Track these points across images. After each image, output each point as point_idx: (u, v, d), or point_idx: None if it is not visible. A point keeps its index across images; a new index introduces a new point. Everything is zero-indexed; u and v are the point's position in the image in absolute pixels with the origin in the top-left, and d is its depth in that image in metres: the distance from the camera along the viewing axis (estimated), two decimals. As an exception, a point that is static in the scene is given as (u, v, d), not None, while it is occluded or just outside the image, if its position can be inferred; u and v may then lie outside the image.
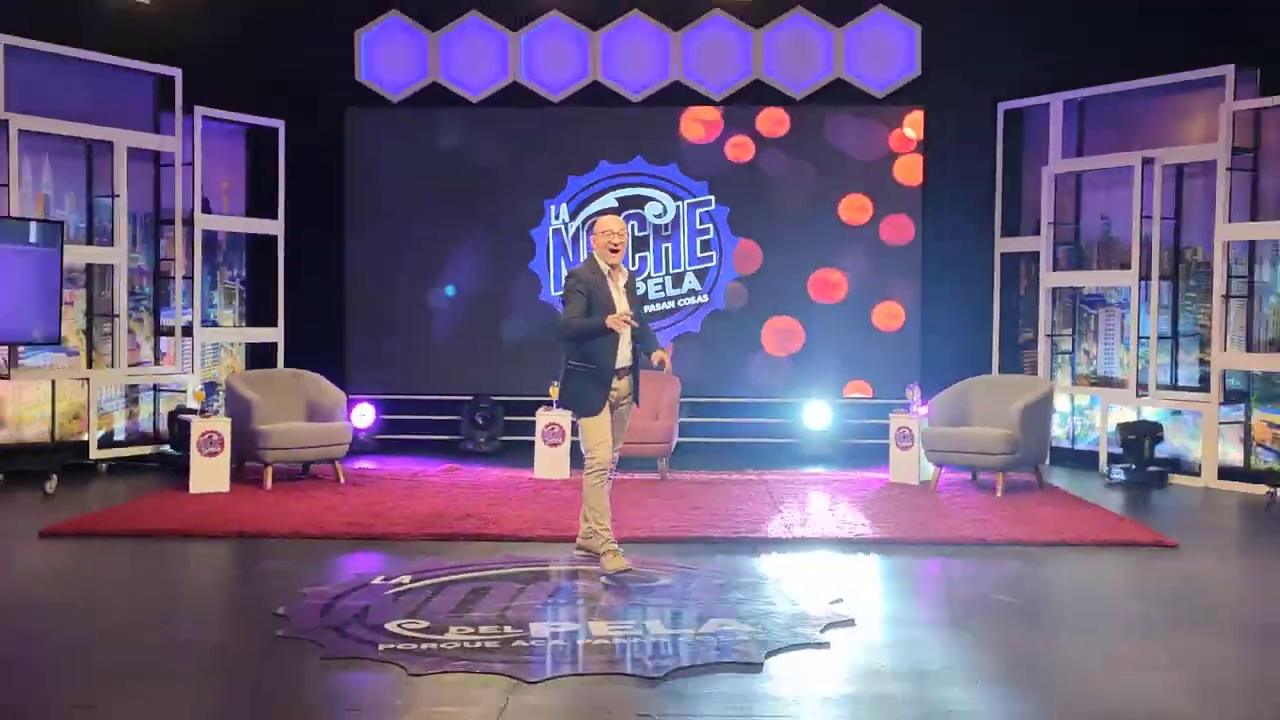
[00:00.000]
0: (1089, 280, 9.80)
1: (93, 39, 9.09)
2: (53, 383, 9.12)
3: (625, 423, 5.96)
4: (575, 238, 10.48)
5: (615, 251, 5.78)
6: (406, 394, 10.58)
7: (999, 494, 7.98)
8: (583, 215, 10.48)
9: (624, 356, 5.80)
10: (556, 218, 10.56)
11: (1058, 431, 9.83)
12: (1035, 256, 10.07)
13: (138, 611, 5.13)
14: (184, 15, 9.49)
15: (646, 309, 10.34)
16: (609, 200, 10.53)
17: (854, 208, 10.41)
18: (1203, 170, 9.05)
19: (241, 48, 9.85)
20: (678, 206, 10.55)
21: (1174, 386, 9.22)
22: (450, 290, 10.53)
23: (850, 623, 4.86)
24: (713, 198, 10.51)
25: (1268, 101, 8.58)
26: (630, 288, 5.91)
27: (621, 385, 5.83)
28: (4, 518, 7.22)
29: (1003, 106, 10.22)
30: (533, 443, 8.87)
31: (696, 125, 10.45)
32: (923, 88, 10.28)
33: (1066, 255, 9.96)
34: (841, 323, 10.45)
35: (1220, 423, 8.77)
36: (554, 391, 8.09)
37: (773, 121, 10.46)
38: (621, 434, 5.94)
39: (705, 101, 10.42)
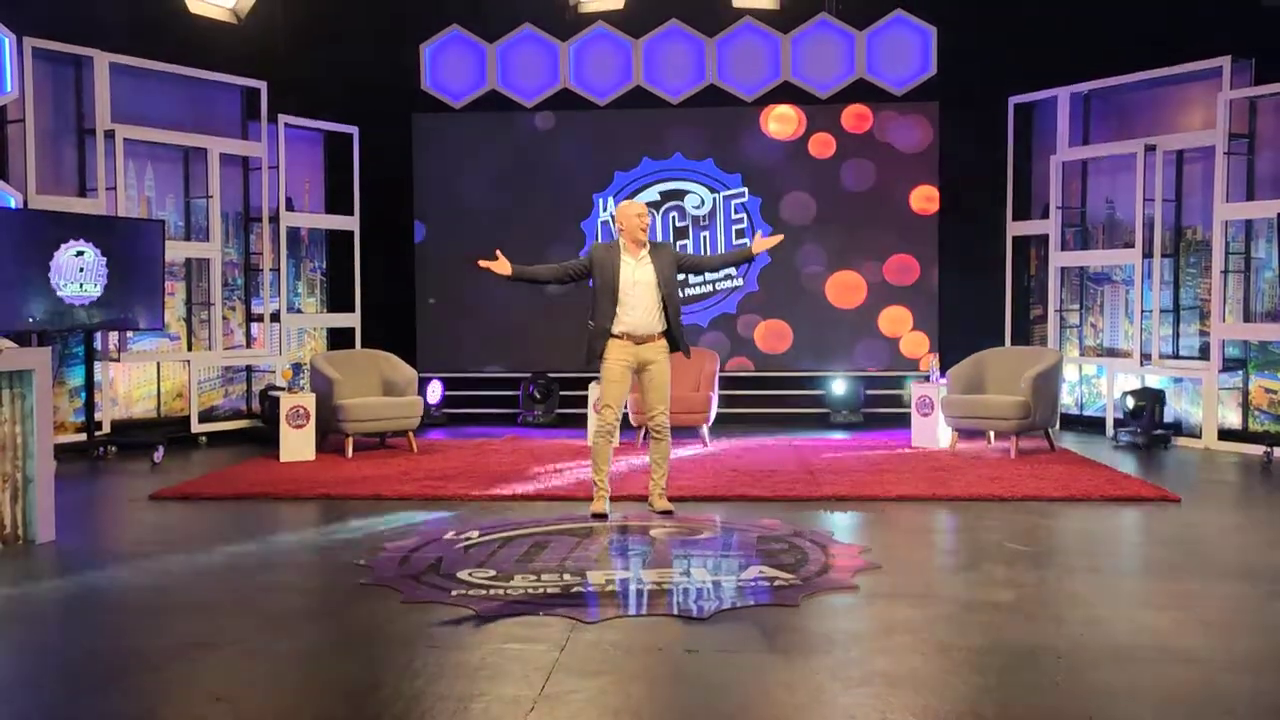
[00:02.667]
0: (1095, 259, 9.67)
1: (187, 56, 9.18)
2: (157, 365, 9.30)
3: (658, 389, 5.95)
4: (605, 227, 10.53)
5: (645, 230, 5.93)
6: (471, 372, 10.70)
7: (1013, 455, 7.94)
8: (612, 210, 10.48)
9: (632, 323, 5.85)
10: (604, 210, 10.58)
11: (1067, 399, 9.74)
12: (1045, 239, 9.95)
13: (239, 563, 5.22)
14: (268, 33, 9.59)
15: (688, 292, 10.39)
16: (652, 193, 10.54)
17: (877, 197, 10.37)
18: (1201, 155, 8.89)
19: (318, 61, 9.91)
20: (714, 198, 10.54)
21: (1176, 356, 9.10)
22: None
23: (878, 568, 4.88)
24: (746, 190, 10.49)
25: (1262, 90, 8.41)
26: (659, 255, 5.93)
27: (642, 350, 5.87)
28: (119, 484, 7.38)
29: (1013, 100, 10.08)
30: (585, 414, 8.94)
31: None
32: (939, 85, 10.17)
33: (1074, 236, 9.84)
34: (864, 300, 10.42)
35: (1220, 389, 8.65)
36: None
37: (800, 119, 10.43)
38: (658, 399, 5.95)
39: (737, 102, 10.39)
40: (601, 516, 5.91)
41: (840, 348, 10.42)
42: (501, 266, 5.94)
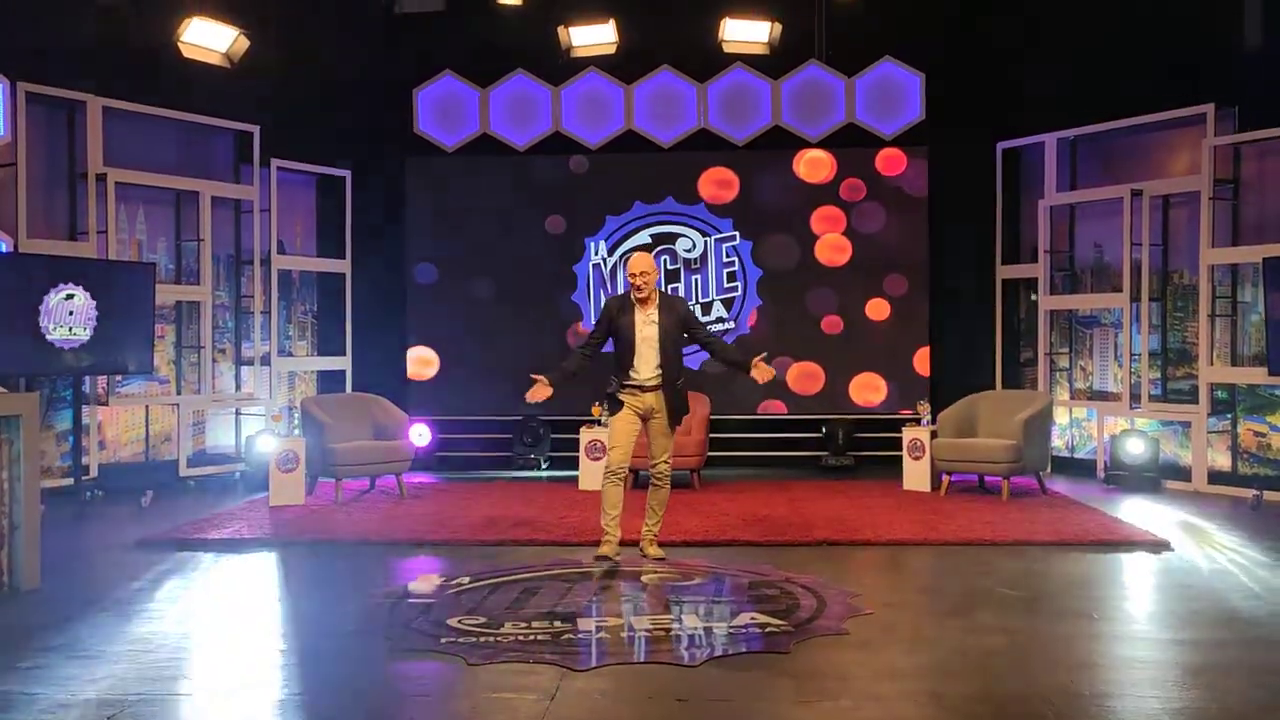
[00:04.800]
0: (1084, 303, 9.76)
1: (180, 100, 9.27)
2: (146, 408, 9.29)
3: (662, 437, 6.09)
4: (613, 271, 10.58)
5: (641, 290, 6.03)
6: (462, 415, 10.71)
7: (1004, 499, 7.96)
8: (619, 251, 10.56)
9: (643, 374, 6.01)
10: (596, 253, 10.66)
11: (1057, 442, 9.78)
12: (1034, 282, 10.06)
13: (226, 609, 5.21)
14: (260, 77, 9.65)
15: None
16: (644, 237, 10.62)
17: (867, 240, 10.47)
18: (1187, 200, 9.02)
19: (311, 105, 9.97)
20: (706, 241, 10.63)
21: (1165, 399, 9.17)
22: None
23: (869, 614, 4.88)
24: (738, 233, 10.60)
25: (1245, 136, 8.56)
26: (668, 311, 6.06)
27: (647, 399, 6.02)
28: (106, 529, 7.34)
29: (1001, 145, 10.24)
30: (577, 458, 8.95)
31: (717, 175, 10.57)
32: (928, 130, 10.31)
33: (1062, 280, 9.94)
34: (855, 343, 10.49)
35: (1209, 431, 8.71)
36: (596, 411, 8.20)
37: (792, 163, 10.56)
38: (660, 448, 6.10)
39: (729, 146, 10.52)
40: (605, 559, 5.92)
41: (831, 391, 10.46)
42: (543, 390, 6.12)
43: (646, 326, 6.02)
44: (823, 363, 10.48)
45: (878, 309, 10.46)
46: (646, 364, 6.02)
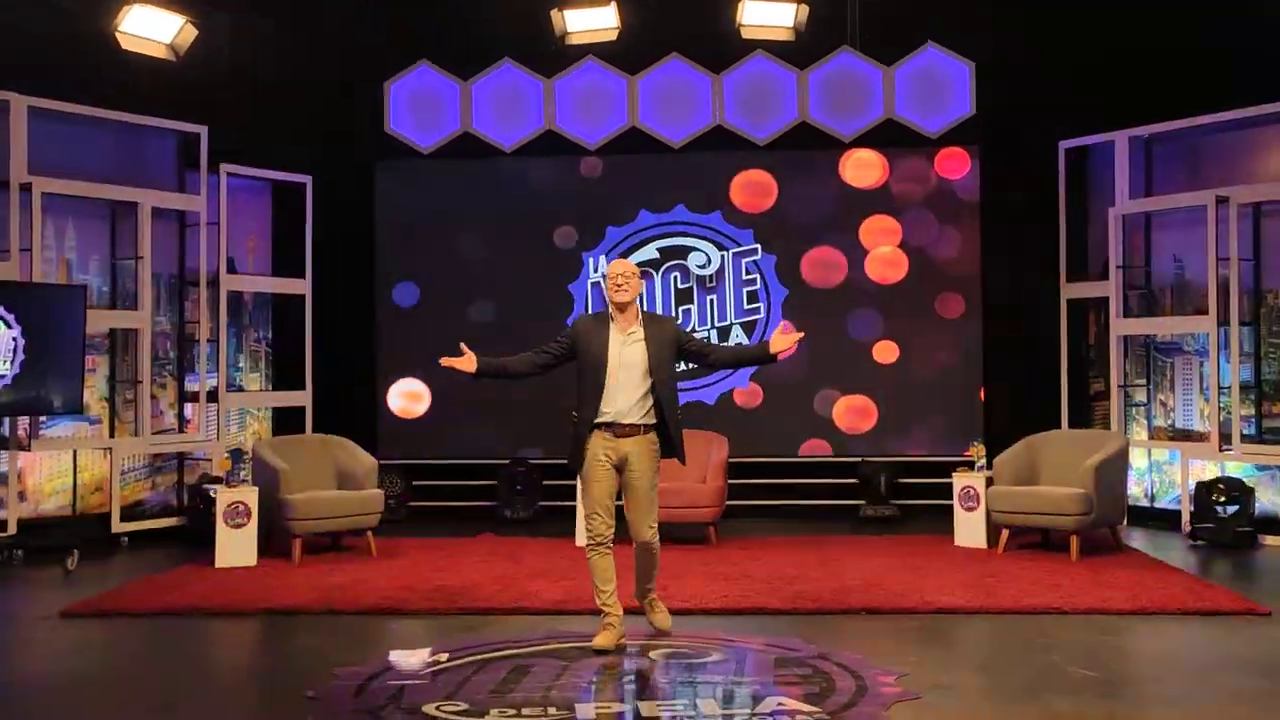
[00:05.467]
0: (1163, 327, 9.72)
1: (115, 98, 9.28)
2: (74, 453, 9.27)
3: (642, 495, 5.65)
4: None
5: (621, 289, 5.62)
6: (441, 458, 10.69)
7: (1072, 558, 7.90)
8: (598, 274, 10.59)
9: (620, 409, 5.58)
10: (595, 270, 10.67)
11: (1134, 490, 9.71)
12: (1104, 302, 10.02)
13: (166, 692, 5.16)
14: (209, 71, 9.69)
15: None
16: (650, 251, 10.67)
17: (910, 253, 10.50)
18: (1280, 209, 9.01)
19: (267, 103, 10.03)
20: (722, 256, 10.63)
21: (1260, 439, 9.10)
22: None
23: (917, 698, 4.82)
24: (759, 246, 10.60)
25: (1350, 134, 8.55)
26: (655, 329, 5.69)
27: (623, 446, 5.61)
28: (25, 597, 7.31)
29: (1064, 145, 10.22)
30: (574, 509, 8.89)
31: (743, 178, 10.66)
32: (979, 126, 10.28)
33: (1138, 300, 9.90)
34: (898, 375, 10.48)
35: (1312, 477, 8.65)
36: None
37: (820, 164, 10.58)
38: (642, 517, 5.66)
39: (748, 146, 10.53)
40: (604, 653, 5.57)
41: (873, 431, 10.45)
42: (466, 363, 5.83)
43: (627, 349, 5.61)
44: (863, 398, 10.49)
45: (923, 335, 10.48)
46: (626, 396, 5.59)
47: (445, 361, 5.89)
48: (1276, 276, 9.11)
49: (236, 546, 8.01)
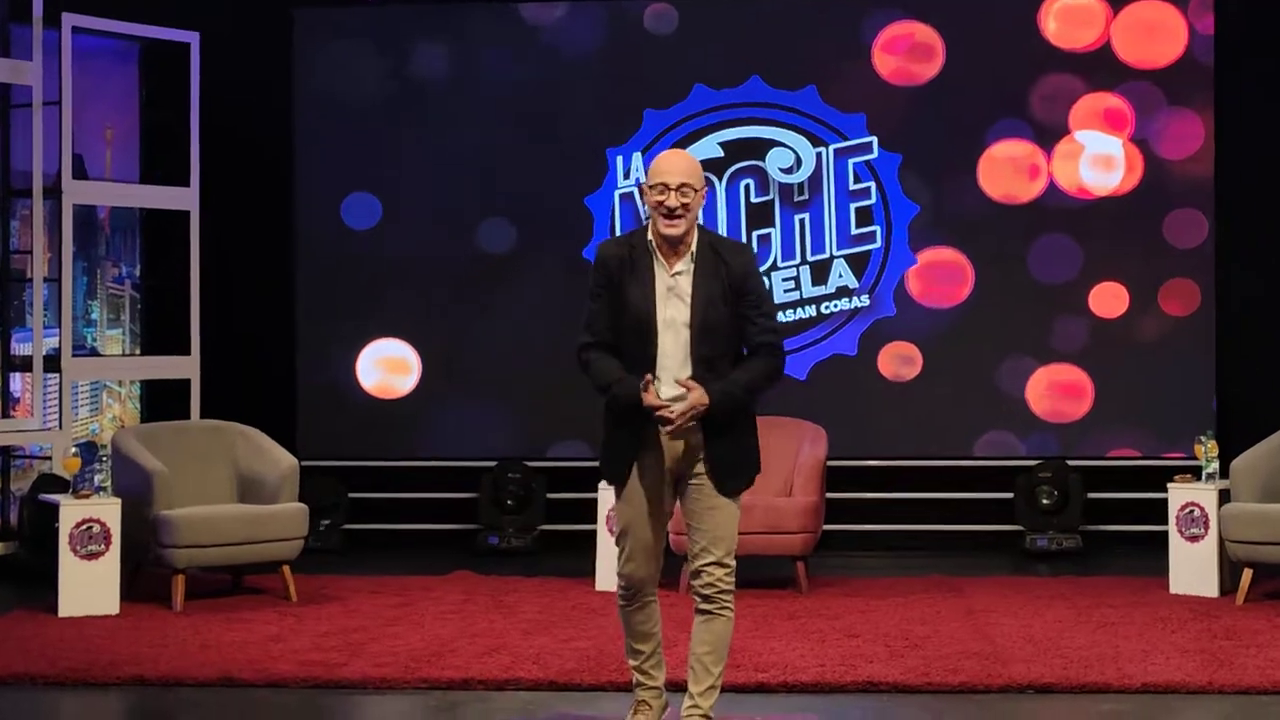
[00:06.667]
0: None
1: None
2: None
3: (709, 514, 5.41)
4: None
5: (674, 217, 5.25)
6: (393, 458, 10.69)
7: (1349, 611, 7.83)
8: (638, 176, 10.58)
9: (670, 387, 5.29)
10: (626, 176, 10.60)
11: None
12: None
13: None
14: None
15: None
16: (709, 146, 10.54)
17: (1101, 158, 10.35)
18: None
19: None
20: (819, 154, 10.54)
21: None
22: None
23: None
24: (875, 139, 10.50)
25: None
26: (710, 268, 5.34)
27: (676, 445, 5.35)
28: None
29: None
30: (590, 534, 8.87)
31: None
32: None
33: None
34: (1085, 340, 10.41)
35: None
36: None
37: (971, 18, 10.47)
38: (708, 537, 5.39)
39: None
40: None
41: (1039, 421, 10.38)
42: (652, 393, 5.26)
43: (667, 304, 5.35)
44: (1027, 374, 10.51)
45: (1132, 297, 10.48)
46: (674, 364, 5.34)
47: (649, 400, 5.22)
48: None
49: (90, 586, 7.98)
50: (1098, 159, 10.41)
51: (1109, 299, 10.46)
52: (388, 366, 10.90)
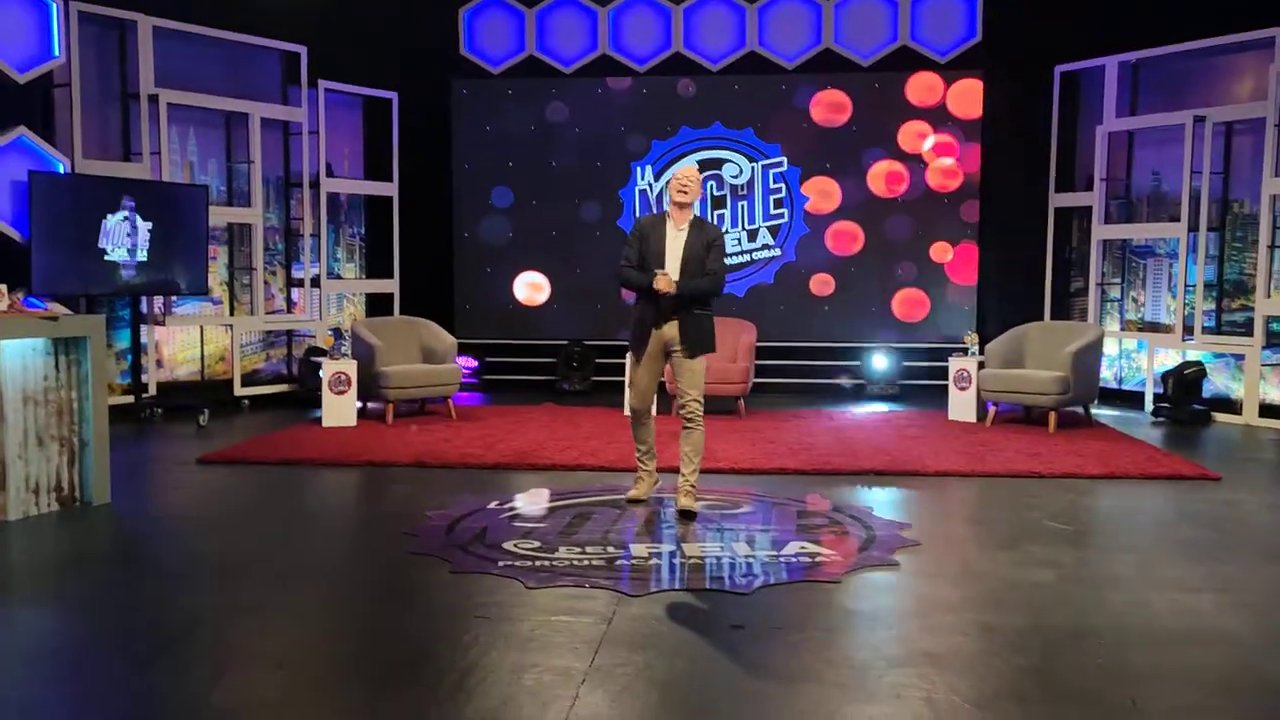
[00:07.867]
0: (1139, 232, 9.57)
1: (229, 19, 9.23)
2: (201, 329, 9.44)
3: (687, 371, 5.52)
4: (659, 197, 10.51)
5: (683, 192, 5.50)
6: (509, 339, 10.80)
7: (1050, 431, 7.93)
8: (666, 176, 10.47)
9: (662, 305, 5.46)
10: (642, 179, 10.59)
11: (1105, 373, 9.69)
12: (1088, 211, 9.86)
13: (288, 529, 5.32)
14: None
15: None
16: (690, 163, 10.50)
17: (915, 169, 10.32)
18: (1251, 127, 8.76)
19: (358, 26, 9.96)
20: (753, 167, 10.51)
21: (1218, 331, 9.03)
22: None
23: (918, 545, 4.92)
24: (785, 159, 10.46)
25: (1317, 61, 8.27)
26: (699, 232, 5.52)
27: (665, 330, 5.52)
28: (167, 447, 7.52)
29: (1060, 69, 9.96)
30: (622, 382, 9.00)
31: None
32: (984, 52, 10.06)
33: (1118, 209, 9.74)
34: (901, 272, 10.41)
35: (1262, 364, 8.58)
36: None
37: (840, 86, 10.37)
38: (687, 383, 5.52)
39: (777, 70, 10.32)
40: (637, 503, 5.66)
41: (876, 320, 10.43)
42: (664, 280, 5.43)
43: (674, 244, 5.52)
44: (868, 293, 10.43)
45: (926, 240, 10.36)
46: (671, 274, 5.44)
47: (660, 286, 5.39)
48: (1243, 189, 8.91)
49: (339, 409, 8.15)
50: (935, 169, 10.26)
51: (937, 251, 10.40)
52: (530, 286, 10.83)
